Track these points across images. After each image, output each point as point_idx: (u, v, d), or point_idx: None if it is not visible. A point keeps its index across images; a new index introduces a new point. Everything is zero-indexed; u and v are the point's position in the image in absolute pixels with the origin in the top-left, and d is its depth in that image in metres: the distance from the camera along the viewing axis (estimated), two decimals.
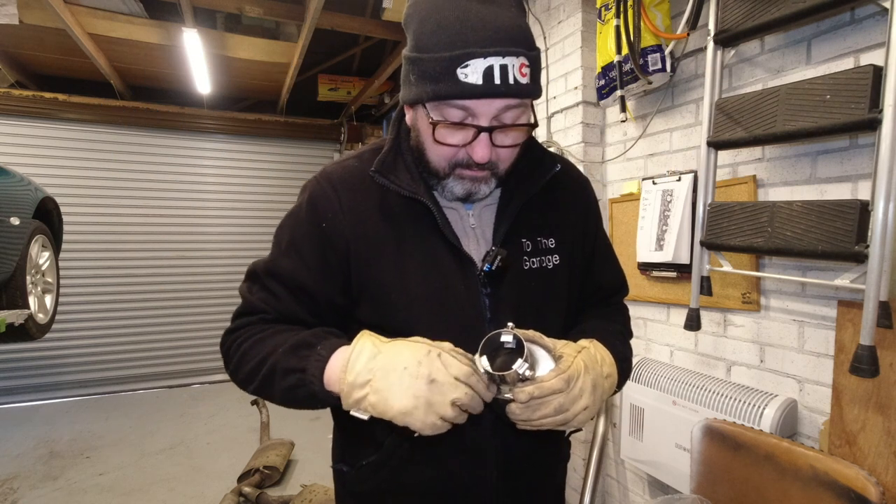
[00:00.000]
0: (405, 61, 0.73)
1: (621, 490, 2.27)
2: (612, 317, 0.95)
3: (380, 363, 0.66)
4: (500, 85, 0.66)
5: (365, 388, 0.66)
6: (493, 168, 0.76)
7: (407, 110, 0.80)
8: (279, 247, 0.83)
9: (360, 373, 0.66)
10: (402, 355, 0.66)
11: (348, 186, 0.81)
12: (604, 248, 0.97)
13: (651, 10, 1.81)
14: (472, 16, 0.66)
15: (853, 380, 1.33)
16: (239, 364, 0.79)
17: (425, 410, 0.64)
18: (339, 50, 4.62)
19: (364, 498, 0.87)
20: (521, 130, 0.74)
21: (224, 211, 5.31)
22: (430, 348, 0.66)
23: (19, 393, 4.61)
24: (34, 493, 2.94)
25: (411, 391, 0.63)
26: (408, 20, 0.73)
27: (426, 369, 0.64)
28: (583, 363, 0.70)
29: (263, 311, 0.81)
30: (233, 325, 0.83)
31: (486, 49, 0.65)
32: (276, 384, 0.73)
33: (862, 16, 1.36)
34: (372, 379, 0.65)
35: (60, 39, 3.67)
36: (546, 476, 0.93)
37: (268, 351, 0.75)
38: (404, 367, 0.65)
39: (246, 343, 0.79)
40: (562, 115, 2.37)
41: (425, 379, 0.64)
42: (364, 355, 0.67)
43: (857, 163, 1.38)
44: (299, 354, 0.72)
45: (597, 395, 0.71)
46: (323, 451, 3.47)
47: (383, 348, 0.68)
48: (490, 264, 0.77)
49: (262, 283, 0.82)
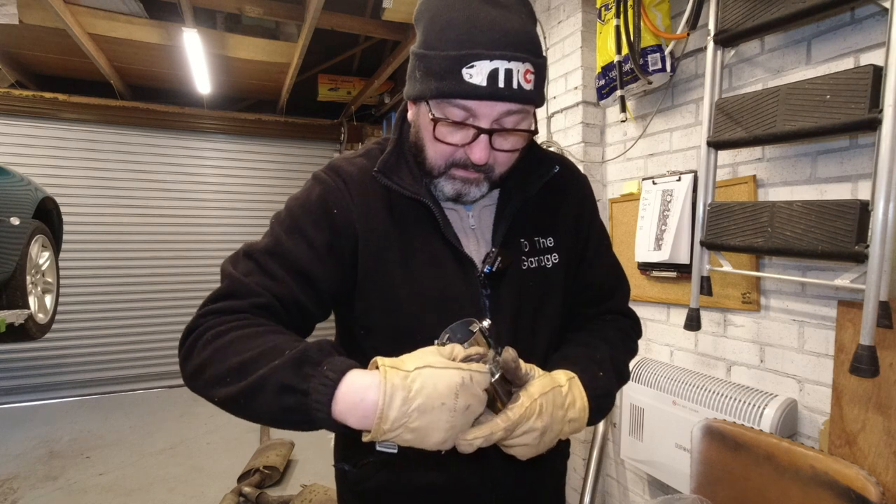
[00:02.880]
0: (412, 57, 0.73)
1: (621, 490, 2.27)
2: (606, 335, 0.89)
3: (415, 404, 0.59)
4: (503, 89, 0.66)
5: (402, 430, 0.60)
6: (489, 171, 0.76)
7: (410, 107, 0.80)
8: (281, 227, 0.77)
9: (396, 419, 0.59)
10: (437, 391, 0.59)
11: (357, 182, 0.81)
12: (598, 246, 0.94)
13: (651, 10, 1.81)
14: (482, 17, 0.66)
15: (853, 380, 1.32)
16: (211, 358, 0.65)
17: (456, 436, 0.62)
18: (339, 50, 4.62)
19: (366, 496, 0.87)
20: (520, 136, 0.74)
21: (224, 211, 5.31)
22: (463, 374, 0.61)
23: (19, 393, 4.61)
24: (34, 493, 2.94)
25: (449, 424, 0.60)
26: (418, 16, 0.73)
27: (463, 401, 0.60)
28: (537, 409, 0.66)
29: (255, 294, 0.70)
30: (209, 308, 0.70)
31: (492, 51, 0.65)
32: (263, 399, 0.61)
33: (862, 16, 1.36)
34: (407, 421, 0.59)
35: (60, 39, 3.67)
36: (547, 475, 0.94)
37: (257, 353, 0.63)
38: (442, 404, 0.59)
39: (227, 336, 0.66)
40: (562, 115, 2.37)
41: (462, 411, 0.61)
42: (397, 399, 0.59)
43: (857, 163, 1.38)
44: (302, 372, 0.61)
45: (544, 440, 0.68)
46: (323, 451, 3.48)
47: (414, 386, 0.59)
48: (490, 266, 0.78)
49: (257, 263, 0.73)
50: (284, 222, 0.78)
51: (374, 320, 0.80)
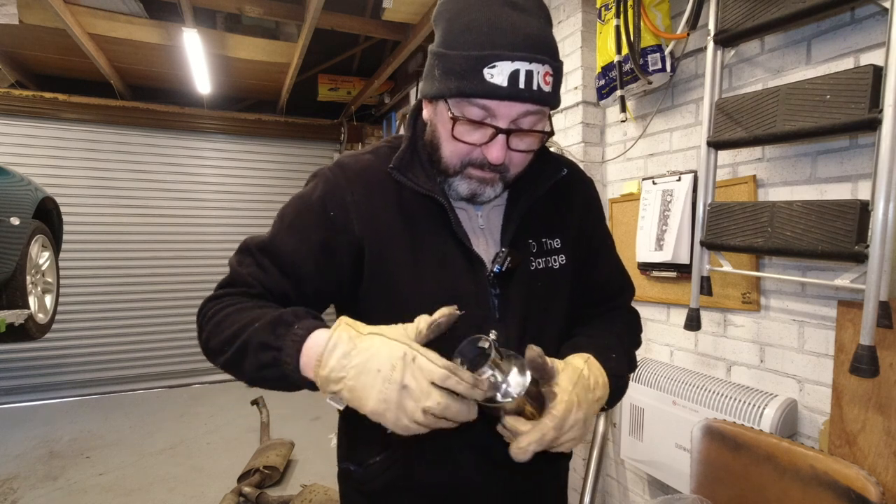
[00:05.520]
0: (431, 56, 0.74)
1: (621, 490, 2.27)
2: (613, 324, 0.92)
3: (354, 361, 0.63)
4: (524, 90, 0.67)
5: (339, 383, 0.64)
6: (504, 172, 0.77)
7: (426, 105, 0.80)
8: (281, 224, 0.82)
9: (333, 368, 0.63)
10: (377, 356, 0.62)
11: (363, 181, 0.82)
12: (604, 247, 0.96)
13: (651, 10, 1.81)
14: (504, 20, 0.68)
15: (853, 380, 1.32)
16: (212, 332, 0.75)
17: (396, 414, 0.61)
18: (339, 50, 4.62)
19: (372, 496, 0.87)
20: (536, 137, 0.75)
21: (224, 211, 5.31)
22: (406, 350, 0.62)
23: (19, 393, 4.61)
24: (34, 493, 2.94)
25: (382, 395, 0.61)
26: (438, 17, 0.74)
27: (399, 374, 0.61)
28: (576, 399, 0.68)
29: (248, 285, 0.78)
30: (214, 294, 0.80)
31: (514, 53, 0.66)
32: (247, 359, 0.70)
33: (862, 16, 1.36)
34: (346, 377, 0.63)
35: (60, 39, 3.67)
36: (551, 474, 0.94)
37: (244, 322, 0.71)
38: (378, 370, 0.62)
39: (222, 312, 0.75)
40: (562, 115, 2.37)
41: (397, 384, 0.61)
42: (338, 350, 0.64)
43: (857, 163, 1.38)
44: (276, 332, 0.68)
45: (587, 427, 0.70)
46: (323, 451, 3.47)
47: (359, 344, 0.64)
48: (500, 266, 0.78)
49: (253, 258, 0.80)
50: (286, 218, 0.82)
51: (382, 319, 0.80)
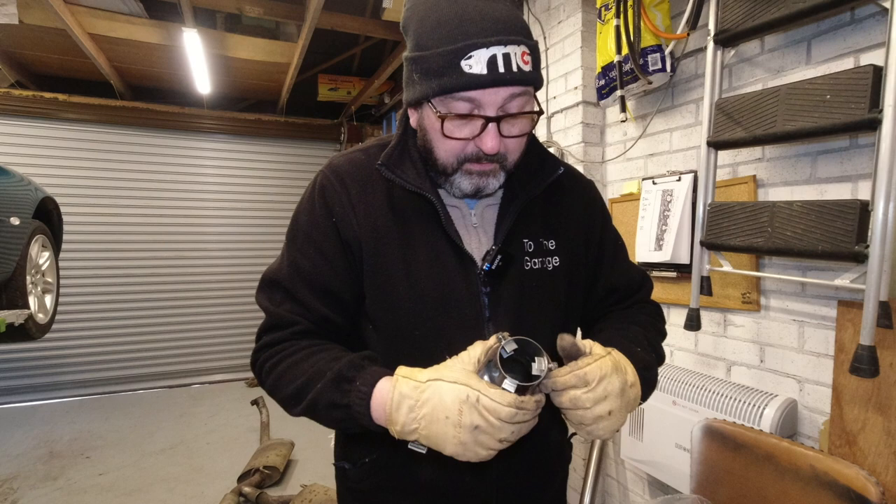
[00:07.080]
0: (407, 63, 0.73)
1: (621, 490, 2.27)
2: (633, 317, 0.91)
3: (421, 413, 0.65)
4: (504, 73, 0.67)
5: (414, 434, 0.66)
6: (502, 160, 0.76)
7: (411, 113, 0.80)
8: (293, 246, 0.82)
9: (404, 423, 0.66)
10: (441, 404, 0.64)
11: (356, 179, 0.81)
12: (613, 250, 0.95)
13: (651, 10, 1.81)
14: (471, 10, 0.68)
15: (853, 380, 1.33)
16: (275, 388, 0.77)
17: (475, 451, 0.64)
18: (339, 50, 4.62)
19: (366, 496, 0.87)
20: (527, 119, 0.74)
21: (224, 211, 5.31)
22: (468, 392, 0.63)
23: (19, 393, 4.61)
24: (34, 493, 2.94)
25: (457, 439, 0.63)
26: (406, 22, 0.74)
27: (467, 419, 0.62)
28: (611, 363, 0.68)
29: (291, 323, 0.79)
30: (261, 343, 0.80)
31: (487, 39, 0.66)
32: (319, 416, 0.73)
33: (862, 16, 1.36)
34: (418, 428, 0.65)
35: (60, 39, 3.67)
36: (547, 479, 0.93)
37: (305, 379, 0.73)
38: (446, 417, 0.63)
39: (280, 366, 0.76)
40: (562, 115, 2.37)
41: (468, 428, 0.62)
42: (404, 406, 0.65)
43: (857, 163, 1.38)
44: (341, 389, 0.70)
45: (623, 402, 0.68)
46: (323, 451, 3.47)
47: (422, 396, 0.65)
48: (490, 263, 0.78)
49: (286, 291, 0.80)
50: (297, 240, 0.82)
51: (378, 317, 0.80)
